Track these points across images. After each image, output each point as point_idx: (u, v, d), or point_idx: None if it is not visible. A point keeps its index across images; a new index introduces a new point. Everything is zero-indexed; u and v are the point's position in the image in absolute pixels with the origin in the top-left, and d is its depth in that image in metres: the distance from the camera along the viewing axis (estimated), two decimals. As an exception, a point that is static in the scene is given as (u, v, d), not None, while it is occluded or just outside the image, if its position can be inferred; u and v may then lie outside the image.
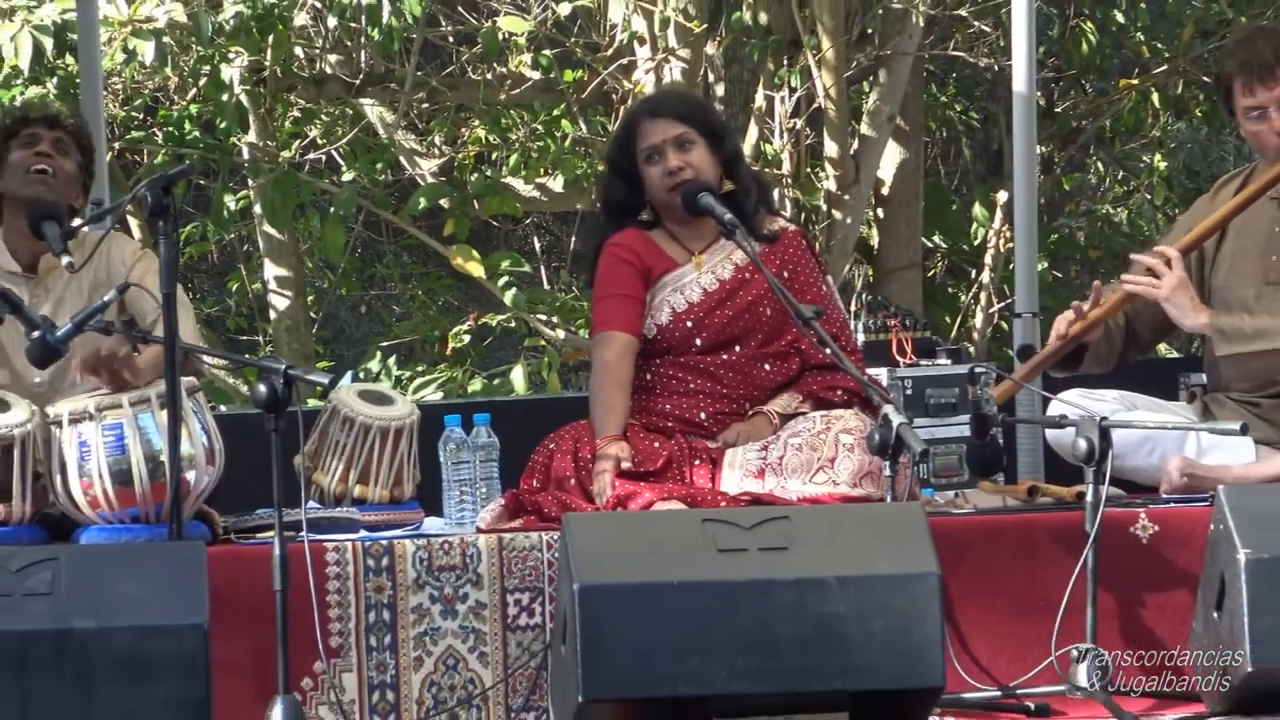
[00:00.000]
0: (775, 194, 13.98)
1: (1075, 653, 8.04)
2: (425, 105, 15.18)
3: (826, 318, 8.69)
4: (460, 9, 14.91)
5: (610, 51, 14.63)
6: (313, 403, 8.62)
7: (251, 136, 14.68)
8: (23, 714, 7.22)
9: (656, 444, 8.65)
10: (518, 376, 15.15)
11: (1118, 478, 8.40)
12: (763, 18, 14.70)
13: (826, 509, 8.12)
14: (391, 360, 15.44)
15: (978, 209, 16.24)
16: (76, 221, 8.64)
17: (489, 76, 15.00)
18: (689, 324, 8.84)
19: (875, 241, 15.27)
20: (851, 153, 14.62)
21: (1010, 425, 9.36)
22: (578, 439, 8.71)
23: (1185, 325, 9.08)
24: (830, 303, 9.10)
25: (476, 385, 15.20)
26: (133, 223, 11.67)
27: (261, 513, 8.13)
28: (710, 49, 14.50)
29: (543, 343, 15.32)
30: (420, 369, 15.44)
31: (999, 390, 9.14)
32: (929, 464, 8.48)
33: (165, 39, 12.90)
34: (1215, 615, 7.87)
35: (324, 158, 15.11)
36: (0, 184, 8.84)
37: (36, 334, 8.04)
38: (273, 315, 15.68)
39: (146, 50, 12.86)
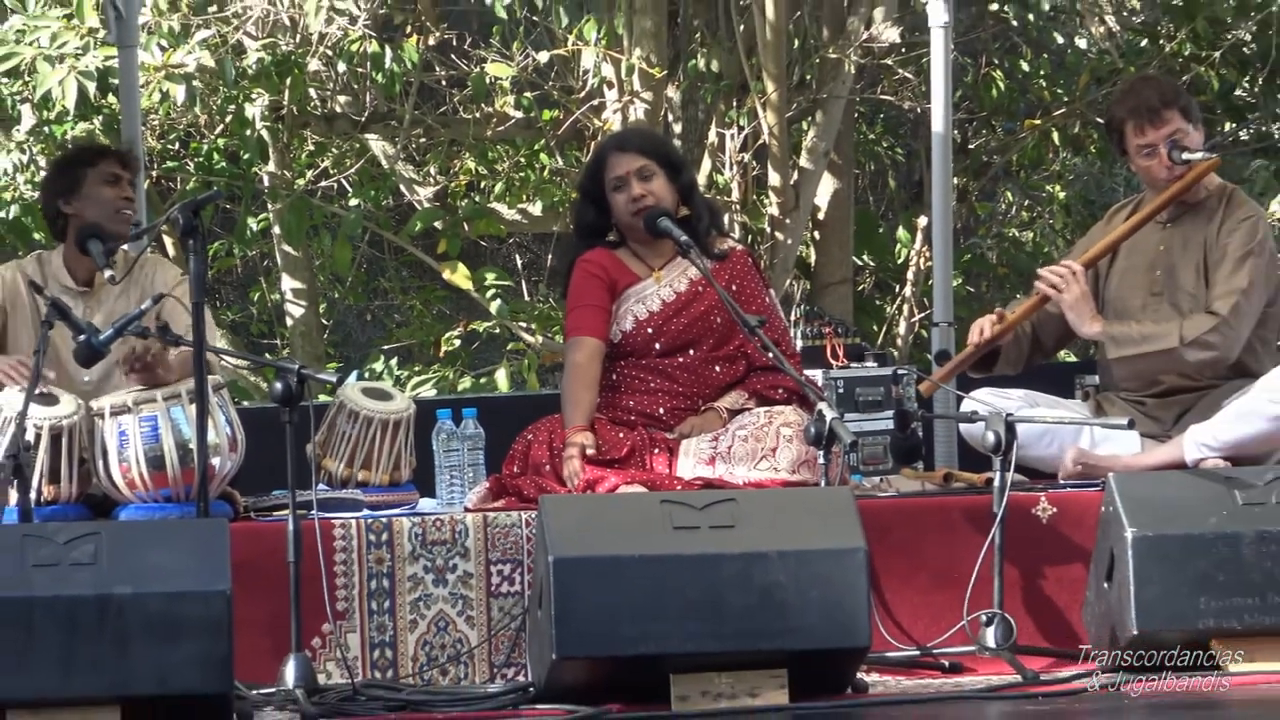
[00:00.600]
0: (725, 218, 14.03)
1: (984, 617, 8.04)
2: (422, 140, 15.15)
3: (769, 325, 8.73)
4: (452, 56, 14.89)
5: (583, 94, 14.57)
6: (323, 398, 8.68)
7: (271, 166, 14.62)
8: (67, 670, 7.22)
9: (621, 435, 8.68)
10: (501, 376, 15.11)
11: (1021, 466, 8.45)
12: (715, 65, 14.70)
13: (769, 492, 8.19)
14: (392, 361, 15.43)
15: (901, 232, 16.18)
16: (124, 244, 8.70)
17: (477, 115, 14.95)
18: (649, 330, 8.87)
19: (812, 260, 15.22)
20: (792, 183, 14.57)
21: (929, 420, 9.40)
22: (552, 431, 8.72)
23: (1082, 332, 9.08)
24: (772, 313, 9.12)
25: (465, 383, 15.17)
26: (168, 241, 11.67)
27: (277, 494, 8.11)
28: (670, 92, 14.47)
29: (523, 347, 15.28)
30: (416, 369, 15.42)
31: (923, 386, 9.24)
32: (858, 453, 8.51)
33: (195, 82, 12.86)
34: (1105, 585, 7.95)
35: (334, 185, 15.09)
36: (73, 207, 8.84)
37: (82, 337, 8.09)
38: (289, 322, 15.63)
39: (179, 92, 12.84)
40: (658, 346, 8.91)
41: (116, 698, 7.30)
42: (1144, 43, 15.66)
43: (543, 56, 14.69)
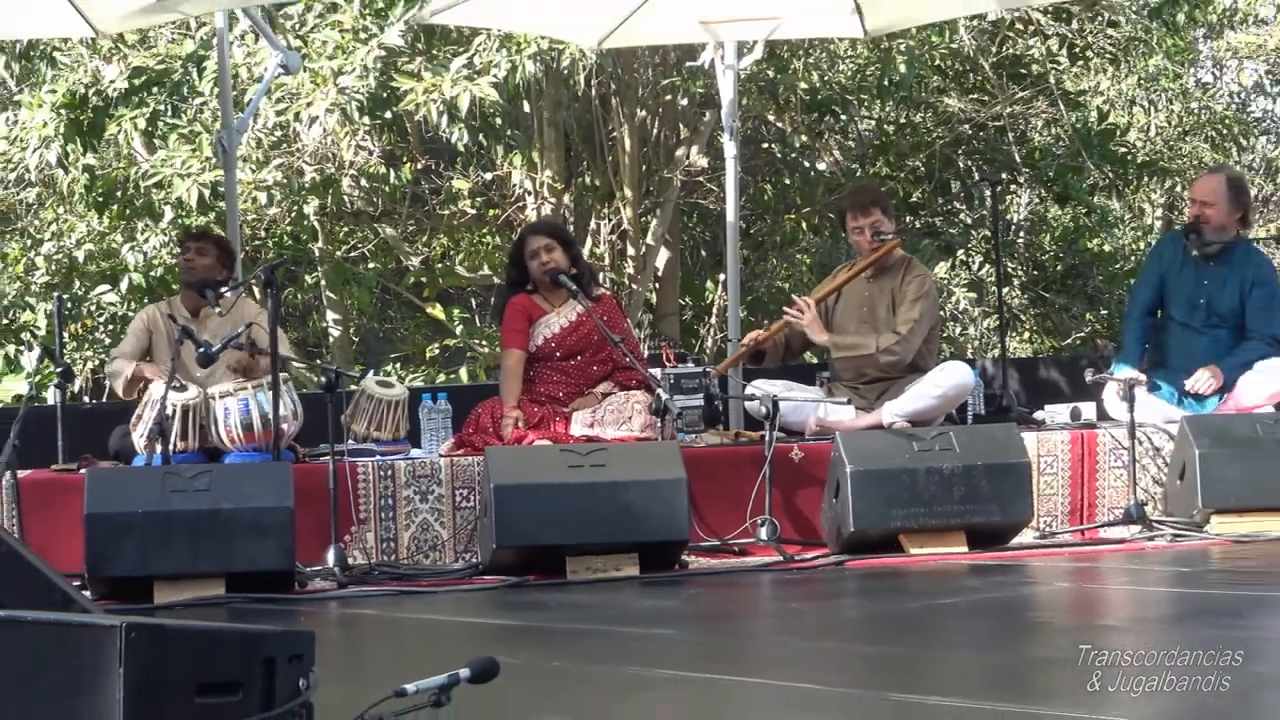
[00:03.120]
0: (599, 276, 14.07)
1: (759, 521, 8.06)
2: (413, 227, 15.15)
3: (626, 342, 8.74)
4: (432, 175, 14.85)
5: (513, 198, 14.59)
6: (352, 387, 8.66)
7: (319, 243, 14.63)
8: (195, 556, 7.25)
9: (536, 409, 8.62)
10: (464, 373, 15.13)
11: (783, 427, 8.41)
12: (594, 180, 14.67)
13: (627, 445, 8.13)
14: (396, 364, 15.43)
15: (709, 284, 16.24)
16: (225, 289, 8.67)
17: (448, 212, 14.97)
18: (553, 345, 8.80)
19: (654, 300, 15.28)
20: (641, 254, 14.60)
21: (725, 399, 9.39)
22: (494, 407, 8.64)
23: (816, 340, 9.05)
24: (629, 334, 9.13)
25: (441, 378, 15.17)
26: (255, 289, 11.67)
27: (323, 446, 8.12)
28: (566, 198, 14.48)
29: (477, 355, 15.28)
30: (411, 369, 15.42)
31: (716, 370, 9.22)
32: (681, 419, 8.51)
33: (272, 191, 12.88)
34: (834, 500, 7.97)
35: (359, 255, 15.05)
36: (179, 268, 8.91)
37: (200, 350, 8.08)
38: (330, 339, 15.63)
39: (261, 198, 12.85)
40: (558, 355, 8.84)
41: (223, 572, 7.30)
42: (857, 169, 15.76)
43: (488, 175, 14.67)
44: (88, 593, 7.00)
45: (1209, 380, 8.87)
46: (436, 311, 15.63)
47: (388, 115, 12.58)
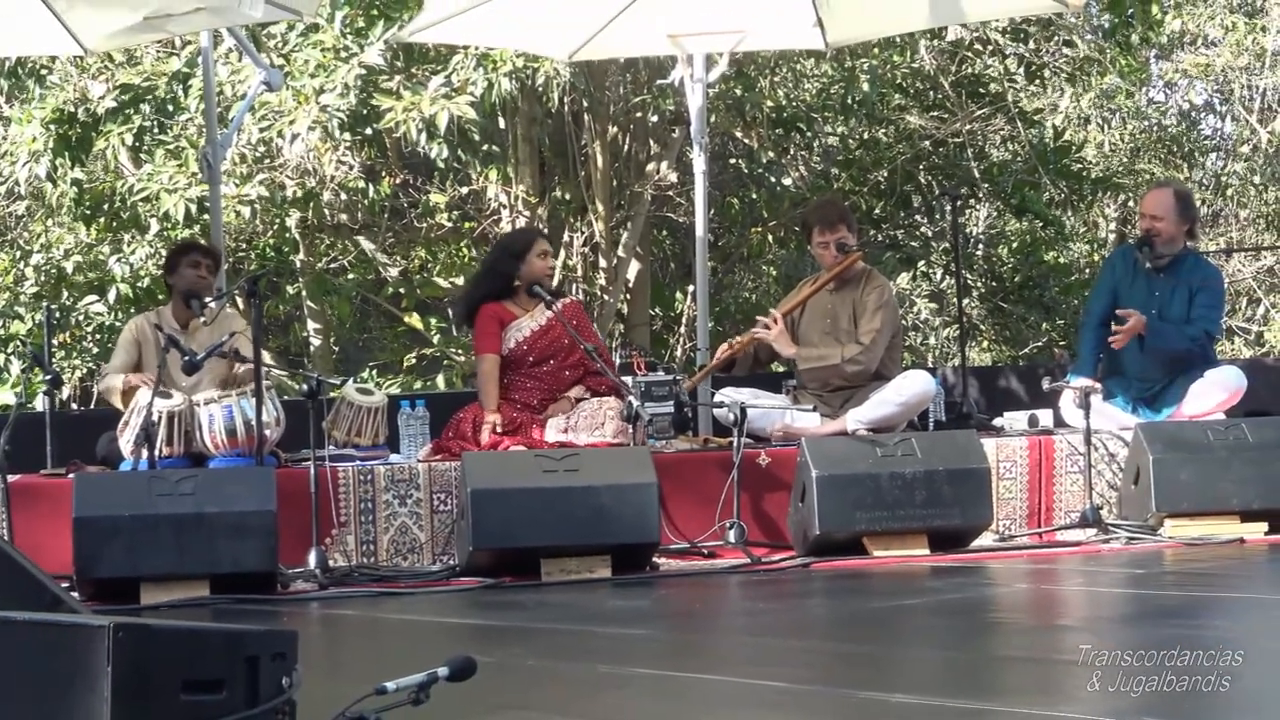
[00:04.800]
0: (573, 286, 14.11)
1: (728, 524, 8.07)
2: (391, 239, 15.11)
3: (598, 349, 8.75)
4: (410, 188, 14.83)
5: (489, 212, 14.60)
6: (332, 395, 8.65)
7: (301, 255, 14.60)
8: (181, 558, 7.23)
9: (513, 414, 8.62)
10: (440, 381, 15.14)
11: (750, 433, 8.39)
12: (567, 195, 14.66)
13: (599, 450, 8.11)
14: (374, 372, 15.39)
15: (679, 295, 16.25)
16: (210, 300, 8.66)
17: (425, 225, 14.96)
18: (525, 348, 8.78)
19: (625, 310, 15.28)
20: (613, 265, 14.60)
21: (695, 405, 9.40)
22: (475, 413, 8.64)
23: (783, 353, 9.07)
24: (600, 341, 9.14)
25: (418, 385, 15.16)
26: (239, 299, 11.63)
27: (304, 451, 8.12)
28: (540, 211, 14.50)
29: (454, 363, 15.28)
30: (389, 377, 15.37)
31: (688, 383, 9.23)
32: (652, 426, 8.53)
33: (255, 205, 12.85)
34: (800, 504, 7.96)
35: (339, 266, 15.01)
36: (173, 280, 8.80)
37: (186, 358, 8.08)
38: (311, 348, 15.59)
39: (245, 212, 12.80)
40: (530, 359, 8.80)
41: (208, 574, 7.29)
42: (822, 182, 15.78)
43: (464, 190, 14.66)
44: (76, 594, 6.98)
45: (1130, 325, 8.87)
46: (414, 321, 15.61)
47: (368, 132, 12.57)
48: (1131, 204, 18.44)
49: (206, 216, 11.30)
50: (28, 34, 10.02)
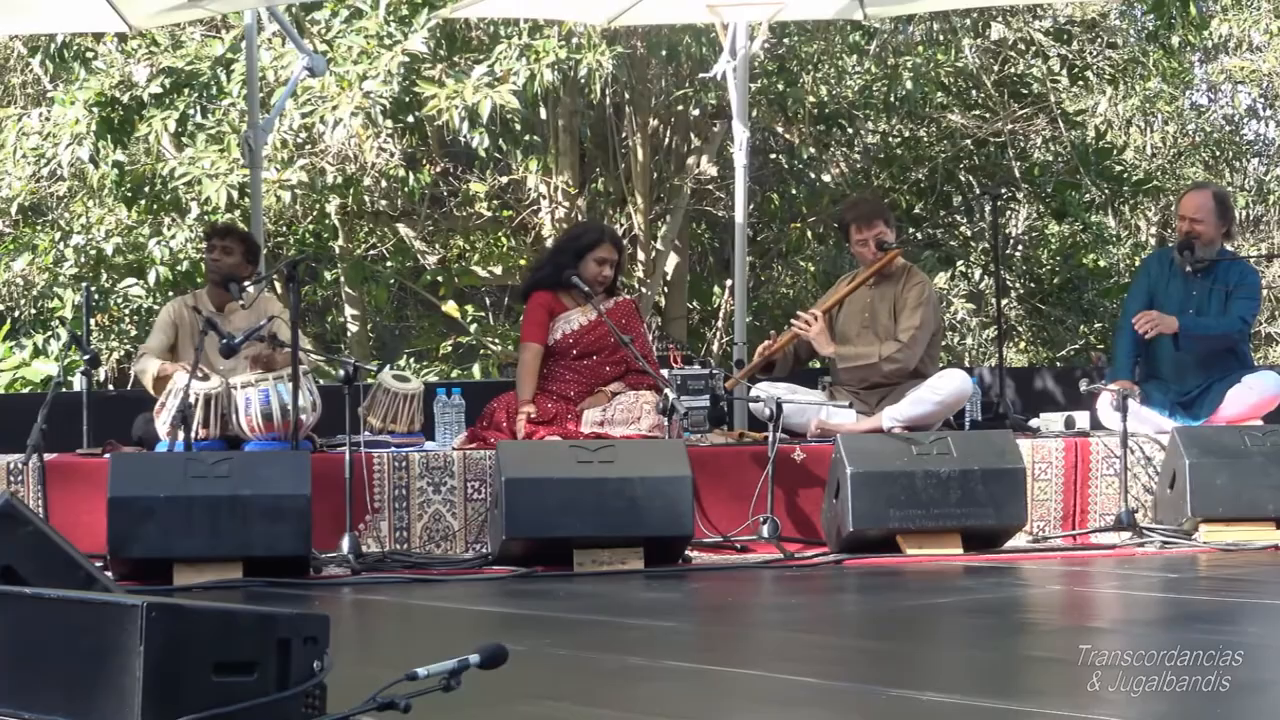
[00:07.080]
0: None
1: (761, 518, 8.06)
2: (431, 227, 15.13)
3: (639, 343, 8.74)
4: (450, 177, 14.84)
5: (528, 202, 14.61)
6: (369, 381, 8.65)
7: (340, 241, 14.62)
8: (214, 540, 7.23)
9: (550, 405, 8.63)
10: (476, 369, 15.15)
11: (786, 428, 8.38)
12: (607, 187, 14.69)
13: (635, 442, 8.10)
14: (411, 359, 15.42)
15: (716, 289, 16.26)
16: (248, 284, 8.70)
17: (464, 213, 14.98)
18: (570, 341, 8.78)
19: (663, 304, 15.29)
20: (651, 258, 14.61)
21: (730, 400, 9.38)
22: (509, 402, 8.65)
23: (822, 352, 9.05)
24: (646, 341, 9.12)
25: (455, 373, 15.18)
26: (277, 284, 11.66)
27: (340, 437, 8.11)
28: (580, 202, 14.50)
29: (489, 352, 15.29)
30: (426, 364, 15.41)
31: (729, 383, 9.23)
32: (687, 419, 8.51)
33: (295, 190, 12.89)
34: (834, 501, 7.95)
35: (378, 253, 15.04)
36: (206, 262, 8.88)
37: (223, 341, 8.11)
38: (349, 334, 15.63)
39: (285, 197, 12.84)
40: (574, 352, 8.79)
41: (241, 557, 7.29)
42: (862, 179, 15.76)
43: (504, 179, 14.67)
44: (109, 573, 6.98)
45: (1154, 320, 8.87)
46: (451, 310, 15.62)
47: (409, 119, 12.58)
48: (1173, 207, 18.37)
49: (247, 201, 11.33)
50: (75, 11, 10.08)
